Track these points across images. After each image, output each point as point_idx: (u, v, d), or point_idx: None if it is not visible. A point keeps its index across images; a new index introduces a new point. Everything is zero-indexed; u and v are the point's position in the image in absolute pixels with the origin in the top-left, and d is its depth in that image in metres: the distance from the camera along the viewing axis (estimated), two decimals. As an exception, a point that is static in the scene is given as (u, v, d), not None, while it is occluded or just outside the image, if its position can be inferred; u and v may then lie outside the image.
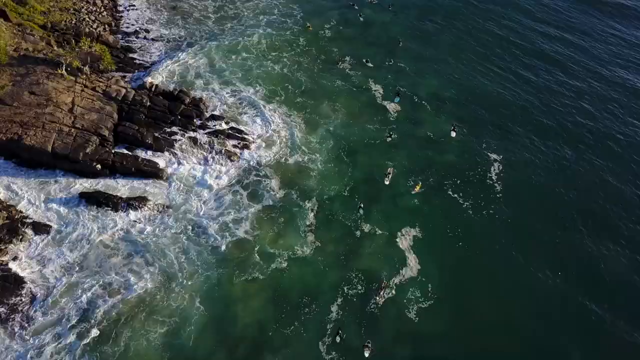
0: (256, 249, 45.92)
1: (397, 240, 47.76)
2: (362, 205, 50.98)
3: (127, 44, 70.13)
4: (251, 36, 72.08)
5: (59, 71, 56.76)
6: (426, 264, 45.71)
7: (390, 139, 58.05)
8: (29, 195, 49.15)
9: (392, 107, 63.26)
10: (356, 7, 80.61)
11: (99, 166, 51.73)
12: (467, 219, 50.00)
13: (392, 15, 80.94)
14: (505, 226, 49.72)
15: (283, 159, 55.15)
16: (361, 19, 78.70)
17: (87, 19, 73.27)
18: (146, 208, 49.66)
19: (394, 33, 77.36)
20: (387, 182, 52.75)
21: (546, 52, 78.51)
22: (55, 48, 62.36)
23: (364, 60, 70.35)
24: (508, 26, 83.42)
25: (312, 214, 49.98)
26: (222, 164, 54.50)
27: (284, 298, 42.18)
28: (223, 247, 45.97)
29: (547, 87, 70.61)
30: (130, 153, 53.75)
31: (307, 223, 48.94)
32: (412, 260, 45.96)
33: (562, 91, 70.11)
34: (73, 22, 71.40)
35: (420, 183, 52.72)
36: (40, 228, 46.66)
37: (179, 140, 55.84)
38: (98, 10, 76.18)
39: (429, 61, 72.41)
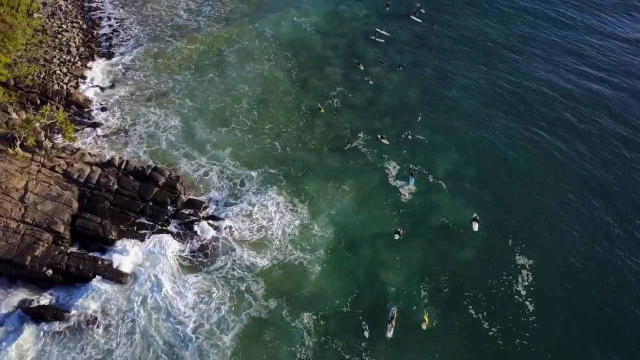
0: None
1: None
2: (366, 327, 42.16)
3: (101, 104, 61.62)
4: (240, 100, 63.01)
5: (11, 151, 48.15)
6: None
7: (398, 236, 49.26)
8: (-40, 311, 40.49)
9: (405, 189, 54.43)
10: (362, 67, 70.17)
11: (50, 272, 43.18)
12: (497, 353, 40.88)
13: (403, 77, 69.99)
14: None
15: (276, 258, 46.36)
16: (370, 82, 68.30)
17: (58, 71, 64.80)
18: (104, 327, 41.08)
19: (409, 99, 67.07)
20: (389, 335, 42.10)
21: (590, 120, 66.69)
22: (13, 116, 53.80)
23: (379, 137, 60.22)
24: (541, 87, 71.61)
25: (307, 336, 41.43)
26: (199, 266, 45.72)
27: None
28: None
29: (591, 173, 58.96)
30: (88, 253, 45.06)
31: (302, 356, 40.30)
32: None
33: (610, 174, 59.02)
34: (42, 75, 63.00)
35: (427, 313, 43.45)
36: (-30, 359, 37.98)
37: (149, 235, 47.10)
38: (72, 59, 67.67)
39: (448, 132, 62.66)
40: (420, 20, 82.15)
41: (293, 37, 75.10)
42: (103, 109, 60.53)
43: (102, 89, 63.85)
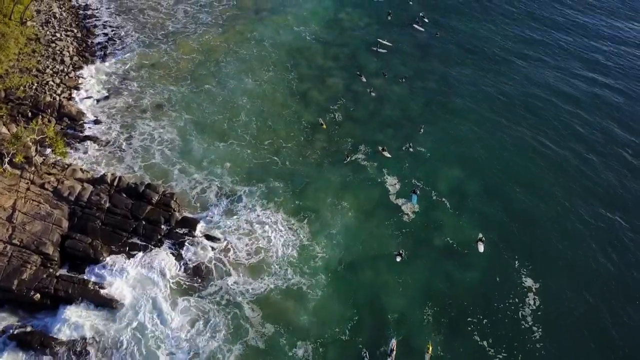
0: None
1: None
2: (367, 355, 40.37)
3: (94, 116, 59.92)
4: (239, 113, 61.31)
5: (-1, 169, 46.52)
6: None
7: (400, 258, 47.50)
8: (-58, 339, 38.74)
9: (407, 207, 52.58)
10: (364, 79, 68.45)
11: (37, 296, 41.37)
12: (503, 384, 39.33)
13: (406, 89, 68.05)
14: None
15: (274, 283, 44.47)
16: (372, 94, 66.56)
17: (51, 82, 63.07)
18: (95, 356, 39.17)
19: (412, 111, 65.25)
20: None
21: (601, 130, 64.64)
22: (3, 130, 52.05)
23: (380, 149, 58.72)
24: (549, 96, 69.53)
25: (306, 367, 39.75)
26: (193, 290, 43.88)
27: None
28: None
29: (603, 187, 56.67)
30: (78, 276, 43.27)
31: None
32: None
33: (623, 188, 56.73)
34: (34, 86, 61.23)
35: (430, 343, 41.48)
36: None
37: (141, 256, 45.29)
38: (65, 69, 65.92)
39: (452, 144, 60.82)
40: (422, 29, 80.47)
41: (292, 47, 73.38)
42: (97, 122, 58.83)
43: (96, 100, 62.23)
